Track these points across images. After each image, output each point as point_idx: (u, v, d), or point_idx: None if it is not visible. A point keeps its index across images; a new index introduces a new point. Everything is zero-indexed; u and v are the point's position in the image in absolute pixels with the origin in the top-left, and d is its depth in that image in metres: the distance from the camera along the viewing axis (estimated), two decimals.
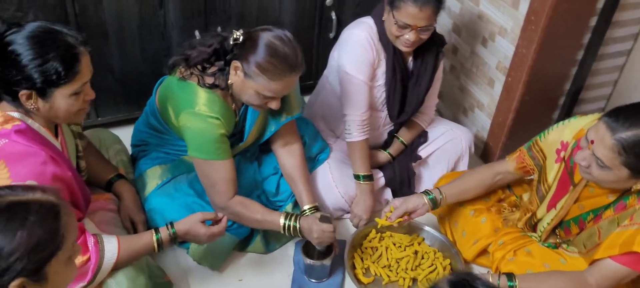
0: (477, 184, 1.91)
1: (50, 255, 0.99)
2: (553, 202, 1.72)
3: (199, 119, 1.71)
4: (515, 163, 1.85)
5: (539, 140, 1.77)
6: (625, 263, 1.47)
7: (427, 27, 1.90)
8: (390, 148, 2.25)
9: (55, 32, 1.40)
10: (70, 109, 1.45)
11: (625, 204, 1.54)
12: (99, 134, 2.05)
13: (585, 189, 1.65)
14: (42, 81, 1.37)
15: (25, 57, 1.35)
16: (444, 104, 2.80)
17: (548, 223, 1.75)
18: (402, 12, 1.85)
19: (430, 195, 1.88)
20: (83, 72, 1.43)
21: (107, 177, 1.86)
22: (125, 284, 1.56)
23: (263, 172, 2.08)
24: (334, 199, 2.10)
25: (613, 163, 1.43)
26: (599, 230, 1.61)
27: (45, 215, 0.99)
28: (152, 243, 1.60)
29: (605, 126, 1.43)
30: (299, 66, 1.68)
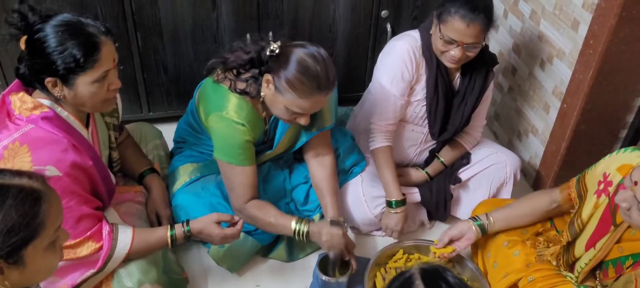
0: (531, 211, 1.79)
1: (27, 240, 1.00)
2: (592, 241, 1.56)
3: (225, 123, 1.74)
4: (563, 194, 1.72)
5: (587, 172, 1.64)
6: None
7: (474, 45, 1.81)
8: (429, 167, 2.17)
9: (77, 22, 1.46)
10: (94, 97, 1.51)
11: None
12: (142, 127, 2.13)
13: (628, 231, 1.49)
14: (63, 68, 1.43)
15: (49, 45, 1.42)
16: (499, 126, 2.66)
17: (586, 263, 1.60)
18: (449, 27, 1.78)
19: (478, 221, 1.80)
20: (103, 60, 1.47)
21: (140, 169, 1.93)
22: (136, 276, 1.61)
23: (293, 181, 2.07)
24: (363, 215, 2.05)
25: None
26: (637, 278, 1.44)
27: (23, 200, 1.00)
28: (166, 238, 1.64)
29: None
30: (329, 86, 1.65)
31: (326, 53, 1.67)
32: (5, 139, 1.46)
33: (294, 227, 1.77)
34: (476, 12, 1.75)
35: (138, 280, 1.60)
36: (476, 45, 1.83)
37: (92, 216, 1.55)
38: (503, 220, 1.80)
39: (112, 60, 1.50)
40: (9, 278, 1.02)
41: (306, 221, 1.78)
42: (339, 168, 2.07)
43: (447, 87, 1.99)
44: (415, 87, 2.01)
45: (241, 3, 2.33)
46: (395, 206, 2.02)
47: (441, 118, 2.04)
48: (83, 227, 1.53)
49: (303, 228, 1.76)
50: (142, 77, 2.43)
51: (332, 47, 2.56)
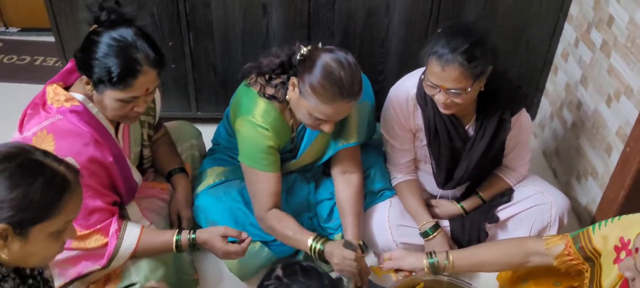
0: (501, 260, 1.61)
1: (38, 219, 1.06)
2: None
3: (250, 126, 1.73)
4: (557, 251, 1.52)
5: (592, 232, 1.44)
6: None
7: (458, 89, 1.62)
8: (465, 201, 2.02)
9: (131, 44, 1.50)
10: (115, 111, 1.56)
11: None
12: (181, 126, 2.17)
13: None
14: (97, 76, 1.49)
15: (96, 51, 1.48)
16: (559, 163, 2.44)
17: None
18: (429, 70, 1.65)
19: (432, 259, 1.66)
20: (135, 87, 1.51)
21: (169, 167, 1.96)
22: (144, 272, 1.63)
23: (318, 195, 2.01)
24: (385, 241, 1.95)
25: None
26: None
27: (51, 184, 1.07)
28: (171, 243, 1.64)
29: None
30: (353, 93, 1.60)
31: (354, 60, 1.62)
32: (35, 126, 1.54)
33: (310, 243, 1.71)
34: (453, 54, 1.57)
35: (145, 276, 1.62)
36: (459, 92, 1.62)
37: (105, 210, 1.59)
38: (467, 265, 1.67)
39: (145, 89, 1.54)
40: (10, 247, 1.07)
41: (324, 240, 1.72)
42: (368, 189, 1.99)
43: (452, 133, 1.85)
44: (417, 135, 1.90)
45: (292, 11, 2.31)
46: (431, 232, 1.90)
47: (446, 166, 1.91)
48: (94, 220, 1.57)
49: (318, 246, 1.70)
50: (193, 76, 2.48)
51: (383, 63, 2.47)
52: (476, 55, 1.58)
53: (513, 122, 1.84)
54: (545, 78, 2.57)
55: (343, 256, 1.65)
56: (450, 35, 1.60)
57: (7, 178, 1.03)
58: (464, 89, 1.61)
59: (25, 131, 1.55)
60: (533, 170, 2.09)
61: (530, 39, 2.45)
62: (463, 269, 1.69)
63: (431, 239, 1.92)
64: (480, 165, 1.89)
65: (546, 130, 2.57)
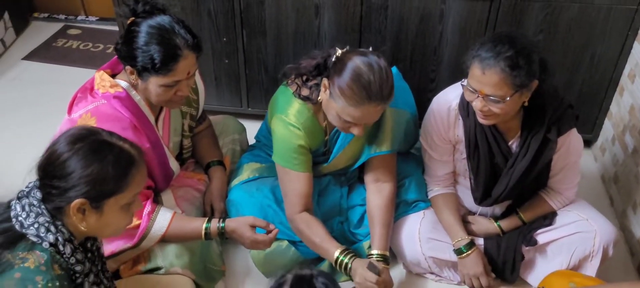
0: None
1: (111, 192, 1.18)
2: None
3: (283, 125, 1.75)
4: None
5: None
6: None
7: (496, 97, 1.54)
8: (504, 221, 1.93)
9: (170, 29, 1.57)
10: (160, 97, 1.63)
11: None
12: (226, 121, 2.23)
13: None
14: (141, 65, 1.57)
15: (138, 40, 1.57)
16: (617, 191, 2.28)
17: None
18: (470, 74, 1.59)
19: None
20: (178, 71, 1.58)
21: (208, 159, 2.02)
22: (170, 258, 1.69)
23: (351, 200, 2.01)
24: (413, 253, 1.91)
25: None
26: None
27: (120, 160, 1.19)
28: (201, 230, 1.69)
29: None
30: (382, 97, 1.58)
31: (386, 64, 1.60)
32: (82, 109, 1.65)
33: (336, 255, 1.72)
34: (496, 59, 1.50)
35: (170, 262, 1.69)
36: (499, 99, 1.54)
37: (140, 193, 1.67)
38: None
39: (186, 72, 1.61)
40: (87, 220, 1.20)
41: (352, 254, 1.72)
42: (401, 198, 1.96)
43: (493, 148, 1.77)
44: (457, 146, 1.84)
45: (344, 14, 2.31)
46: (466, 250, 1.85)
47: (484, 182, 1.83)
48: None
49: (346, 260, 1.70)
50: (245, 72, 2.54)
51: (435, 71, 2.42)
52: (520, 64, 1.52)
53: (560, 143, 1.74)
54: (609, 99, 2.41)
55: (365, 277, 1.65)
56: (496, 41, 1.55)
57: (81, 157, 1.15)
58: (502, 98, 1.55)
59: (73, 113, 1.66)
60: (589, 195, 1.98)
61: (596, 56, 2.30)
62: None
63: (465, 257, 1.86)
64: (521, 185, 1.80)
65: (606, 154, 2.42)
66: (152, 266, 1.68)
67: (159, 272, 1.68)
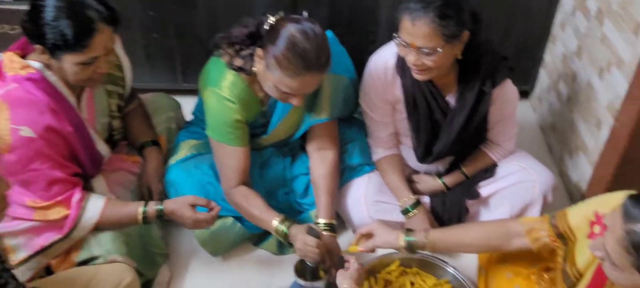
0: (481, 242, 1.54)
1: None
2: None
3: (216, 98, 1.68)
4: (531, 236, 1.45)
5: (568, 211, 1.37)
6: None
7: (428, 49, 1.53)
8: (447, 177, 1.94)
9: (80, 2, 1.45)
10: (78, 76, 1.52)
11: None
12: (158, 98, 2.12)
13: None
14: (51, 43, 1.45)
15: (45, 16, 1.43)
16: (555, 139, 2.33)
17: None
18: (401, 27, 1.57)
19: (410, 238, 1.60)
20: (94, 46, 1.47)
21: (141, 140, 1.92)
22: (106, 246, 1.61)
23: (294, 170, 1.96)
24: (360, 217, 1.89)
25: (623, 262, 1.04)
26: None
27: None
28: (137, 215, 1.62)
29: (622, 210, 1.04)
30: (319, 66, 1.53)
31: (322, 31, 1.55)
32: None
33: (275, 225, 1.67)
34: (425, 10, 1.49)
35: (107, 250, 1.60)
36: (431, 51, 1.53)
37: (65, 181, 1.57)
38: (447, 246, 1.60)
39: (103, 47, 1.50)
40: None
41: (290, 222, 1.67)
42: (345, 164, 1.93)
43: (431, 104, 1.76)
44: (397, 106, 1.82)
45: None
46: (412, 210, 1.85)
47: (425, 140, 1.83)
48: (55, 191, 1.55)
49: (283, 228, 1.66)
50: (178, 47, 2.43)
51: (374, 33, 2.38)
52: (449, 14, 1.50)
53: (496, 95, 1.75)
54: (544, 49, 2.45)
55: (305, 242, 1.60)
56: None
57: None
58: (434, 49, 1.53)
59: None
60: (529, 145, 2.01)
61: (529, 8, 2.33)
62: (441, 249, 1.63)
63: (412, 217, 1.86)
64: (461, 139, 1.81)
65: (544, 104, 2.47)
66: (87, 256, 1.59)
67: (96, 261, 1.59)
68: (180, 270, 1.87)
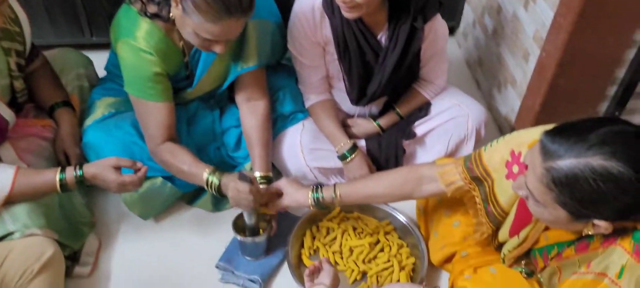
0: (392, 190, 1.49)
1: None
2: (515, 229, 1.32)
3: (132, 51, 1.53)
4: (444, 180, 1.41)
5: (483, 151, 1.36)
6: None
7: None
8: (382, 118, 1.91)
9: None
10: None
11: (587, 244, 1.13)
12: (65, 54, 1.92)
13: None
14: None
15: None
16: (482, 73, 2.36)
17: (510, 250, 1.37)
18: None
19: (317, 194, 1.55)
20: None
21: (51, 101, 1.74)
22: (22, 220, 1.45)
23: (224, 123, 1.86)
24: (298, 167, 1.83)
25: (544, 199, 1.04)
26: (560, 270, 1.22)
27: None
28: (54, 182, 1.46)
29: (539, 147, 1.03)
30: (241, 10, 1.40)
31: None
32: None
33: (205, 177, 1.57)
34: None
35: (23, 224, 1.44)
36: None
37: None
38: (355, 197, 1.55)
39: None
40: None
41: (220, 172, 1.57)
42: (277, 113, 1.85)
43: (362, 44, 1.70)
44: (327, 48, 1.75)
45: None
46: (349, 155, 1.80)
47: (358, 81, 1.78)
48: None
49: (214, 179, 1.56)
50: None
51: None
52: None
53: (427, 30, 1.71)
54: None
55: (237, 189, 1.52)
56: None
57: None
58: None
59: None
60: (456, 81, 2.01)
61: None
62: (351, 202, 1.58)
63: (349, 162, 1.82)
64: (395, 78, 1.77)
65: (469, 39, 2.48)
66: (1, 233, 1.43)
67: (12, 237, 1.43)
68: (109, 238, 1.75)
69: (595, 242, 1.10)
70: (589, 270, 1.06)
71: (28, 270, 1.37)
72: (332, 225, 1.76)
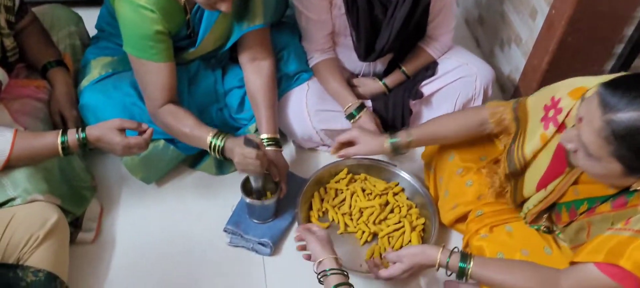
0: (458, 131, 1.53)
1: None
2: (544, 182, 1.32)
3: (131, 8, 1.44)
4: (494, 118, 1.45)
5: (529, 98, 1.37)
6: (610, 274, 1.07)
7: None
8: (388, 77, 1.87)
9: None
10: None
11: (626, 201, 1.13)
12: (55, 11, 1.82)
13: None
14: None
15: None
16: (483, 32, 2.33)
17: (534, 205, 1.36)
18: None
19: (395, 139, 1.55)
20: None
21: (43, 61, 1.65)
22: (22, 185, 1.38)
23: (226, 83, 1.79)
24: (304, 129, 1.79)
25: (600, 152, 1.03)
26: (590, 226, 1.21)
27: None
28: (56, 145, 1.39)
29: (598, 100, 1.02)
30: None
31: None
32: None
33: (209, 140, 1.51)
34: None
35: (24, 189, 1.37)
36: None
37: None
38: (427, 140, 1.59)
39: None
40: None
41: (225, 135, 1.51)
42: (282, 73, 1.79)
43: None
44: (334, 2, 1.70)
45: None
46: (357, 114, 1.76)
47: (366, 36, 1.73)
48: None
49: (219, 143, 1.50)
50: None
51: None
52: None
53: None
54: None
55: (243, 154, 1.46)
56: None
57: None
58: None
59: None
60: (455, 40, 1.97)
61: None
62: (424, 144, 1.62)
63: (357, 120, 1.78)
64: (403, 34, 1.72)
65: None
66: (2, 199, 1.35)
67: (14, 203, 1.36)
68: (111, 202, 1.68)
69: (635, 199, 1.09)
70: (627, 227, 1.05)
71: (33, 237, 1.31)
72: (340, 186, 1.73)
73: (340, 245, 1.59)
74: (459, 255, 1.29)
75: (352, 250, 1.61)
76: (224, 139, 1.49)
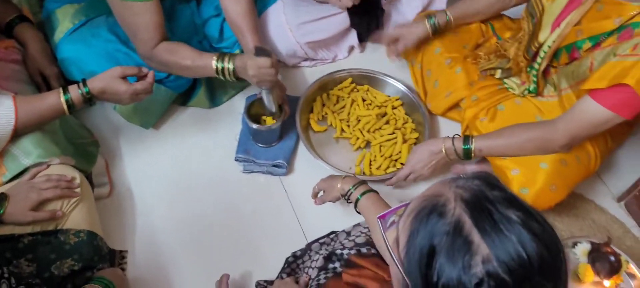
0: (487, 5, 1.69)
1: None
2: (558, 20, 1.42)
3: None
4: None
5: None
6: (607, 104, 1.22)
7: None
8: None
9: None
10: None
11: (632, 32, 1.24)
12: None
13: (594, 7, 1.35)
14: None
15: None
16: None
17: (549, 46, 1.46)
18: None
19: (432, 20, 1.68)
20: None
21: (5, 19, 1.52)
22: (35, 152, 1.31)
23: (203, 13, 1.74)
24: (288, 45, 1.80)
25: None
26: (593, 61, 1.34)
27: None
28: (61, 104, 1.31)
29: None
30: None
31: None
32: None
33: (214, 65, 1.48)
34: None
35: (38, 155, 1.31)
36: None
37: None
38: (463, 14, 1.71)
39: None
40: None
41: (229, 56, 1.49)
42: None
43: None
44: None
45: None
46: None
47: None
48: None
49: (228, 65, 1.48)
50: None
51: None
52: None
53: None
54: None
55: (258, 65, 1.45)
56: None
57: None
58: None
59: None
60: None
61: None
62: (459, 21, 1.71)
63: None
64: None
65: None
66: (16, 170, 1.29)
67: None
68: (114, 155, 1.64)
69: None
70: (634, 53, 1.18)
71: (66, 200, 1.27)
72: (342, 94, 1.79)
73: (334, 150, 1.70)
74: (462, 139, 1.44)
75: (345, 155, 1.69)
76: (231, 60, 1.48)
